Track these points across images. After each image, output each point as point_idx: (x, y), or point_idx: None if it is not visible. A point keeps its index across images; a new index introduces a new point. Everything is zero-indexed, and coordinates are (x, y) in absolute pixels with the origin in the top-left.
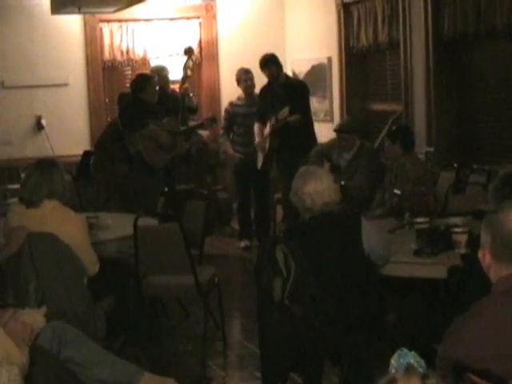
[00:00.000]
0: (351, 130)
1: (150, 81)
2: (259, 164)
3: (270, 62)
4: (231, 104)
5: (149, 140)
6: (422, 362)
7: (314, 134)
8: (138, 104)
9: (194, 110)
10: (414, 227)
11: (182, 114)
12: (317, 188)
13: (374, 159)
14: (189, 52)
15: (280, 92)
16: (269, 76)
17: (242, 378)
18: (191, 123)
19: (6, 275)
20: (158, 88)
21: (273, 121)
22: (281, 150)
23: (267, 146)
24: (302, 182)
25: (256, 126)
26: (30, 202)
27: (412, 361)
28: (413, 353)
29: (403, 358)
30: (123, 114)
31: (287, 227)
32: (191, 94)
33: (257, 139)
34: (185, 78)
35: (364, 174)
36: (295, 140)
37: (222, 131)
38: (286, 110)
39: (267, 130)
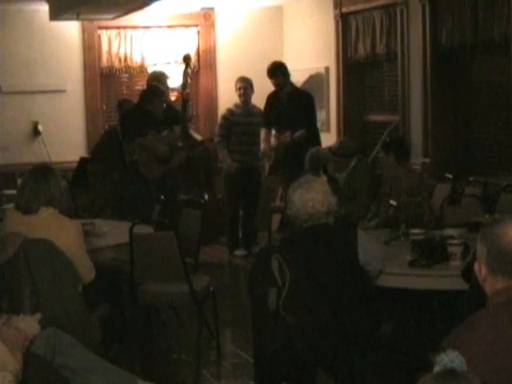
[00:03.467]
0: (347, 155)
1: (160, 95)
2: (266, 171)
3: (277, 72)
4: (230, 112)
5: (146, 150)
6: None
7: (319, 144)
8: (141, 114)
9: (188, 119)
10: (409, 238)
11: (183, 123)
12: (302, 197)
13: (370, 176)
14: (187, 59)
15: (285, 102)
16: (275, 85)
17: None
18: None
19: (0, 281)
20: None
21: (274, 138)
22: (286, 159)
23: (272, 157)
24: (292, 189)
25: (262, 132)
26: (26, 210)
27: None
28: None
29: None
30: (124, 123)
31: (283, 237)
32: (190, 102)
33: (262, 145)
34: (185, 85)
35: (364, 195)
36: (299, 151)
37: (218, 138)
38: (287, 135)
39: (273, 143)
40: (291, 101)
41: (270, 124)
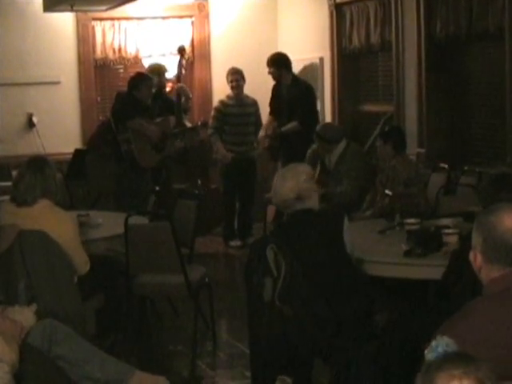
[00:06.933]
0: (330, 141)
1: (146, 81)
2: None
3: (271, 63)
4: (223, 103)
5: (141, 138)
6: None
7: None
8: (130, 101)
9: (184, 111)
10: (404, 228)
11: (177, 114)
12: (277, 185)
13: (361, 160)
14: (182, 51)
15: (284, 94)
16: (271, 76)
17: (232, 378)
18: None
19: None
20: (154, 90)
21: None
22: (283, 149)
23: (266, 145)
24: (274, 179)
25: (267, 119)
26: (22, 202)
27: None
28: None
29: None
30: (115, 111)
31: (275, 226)
32: (190, 95)
33: (261, 133)
34: (179, 77)
35: (352, 178)
36: (294, 142)
37: (211, 130)
38: (271, 127)
39: (270, 130)
40: (289, 93)
41: (274, 113)
